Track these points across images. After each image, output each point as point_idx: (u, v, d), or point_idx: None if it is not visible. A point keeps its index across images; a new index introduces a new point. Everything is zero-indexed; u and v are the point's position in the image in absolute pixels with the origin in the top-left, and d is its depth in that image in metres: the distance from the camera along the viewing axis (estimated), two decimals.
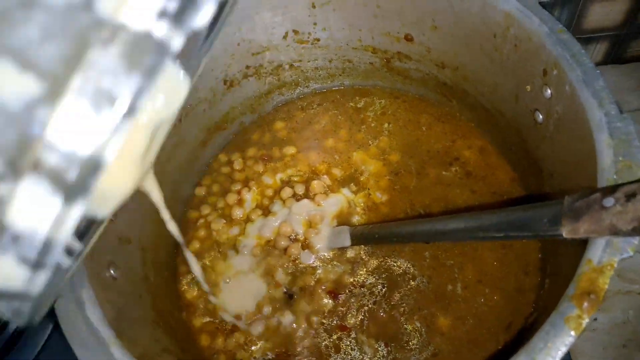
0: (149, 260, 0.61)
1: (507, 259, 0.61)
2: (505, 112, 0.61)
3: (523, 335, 0.54)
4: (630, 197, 0.34)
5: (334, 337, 0.60)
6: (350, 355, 0.58)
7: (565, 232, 0.37)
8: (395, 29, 0.65)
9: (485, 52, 0.58)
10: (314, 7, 0.64)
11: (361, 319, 0.60)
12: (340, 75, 0.76)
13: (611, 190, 0.36)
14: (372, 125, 0.74)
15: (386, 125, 0.73)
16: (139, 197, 0.60)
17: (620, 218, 0.34)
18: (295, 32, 0.67)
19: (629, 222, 0.34)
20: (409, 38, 0.65)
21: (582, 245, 0.42)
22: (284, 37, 0.68)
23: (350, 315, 0.61)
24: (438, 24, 0.60)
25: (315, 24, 0.67)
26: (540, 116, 0.54)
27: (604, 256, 0.38)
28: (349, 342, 0.59)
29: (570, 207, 0.37)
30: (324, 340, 0.60)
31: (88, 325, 0.43)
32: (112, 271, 0.52)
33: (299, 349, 0.60)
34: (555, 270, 0.52)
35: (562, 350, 0.35)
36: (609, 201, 0.35)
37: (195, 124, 0.69)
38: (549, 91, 0.50)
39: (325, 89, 0.78)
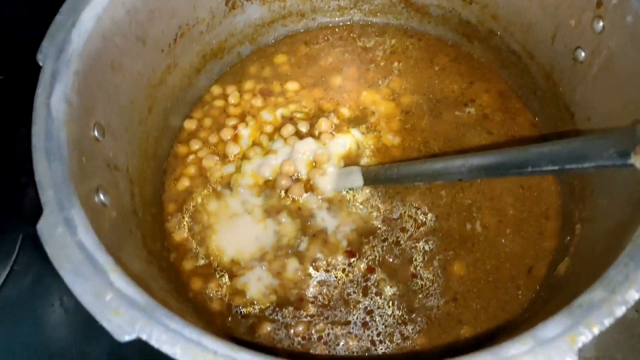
0: (137, 193, 0.54)
1: (527, 200, 0.58)
2: (537, 54, 0.58)
3: (549, 282, 0.51)
4: None
5: (343, 284, 0.55)
6: (361, 302, 0.54)
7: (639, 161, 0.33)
8: None
9: None
10: None
11: (375, 264, 0.56)
12: (351, 8, 0.69)
13: None
14: (382, 64, 0.68)
15: (396, 64, 0.68)
16: (128, 122, 0.53)
17: None
18: None
19: None
20: None
21: (628, 201, 0.40)
22: None
23: (363, 260, 0.56)
24: None
25: None
26: (583, 54, 0.50)
27: None
28: (360, 290, 0.55)
29: None
30: (333, 287, 0.55)
31: (81, 249, 0.36)
32: (101, 196, 0.44)
33: (303, 297, 0.55)
34: (589, 217, 0.49)
35: None
36: None
37: (191, 47, 0.61)
38: (601, 24, 0.47)
39: (332, 24, 0.71)
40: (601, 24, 0.47)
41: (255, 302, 0.55)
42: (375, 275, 0.55)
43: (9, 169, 0.44)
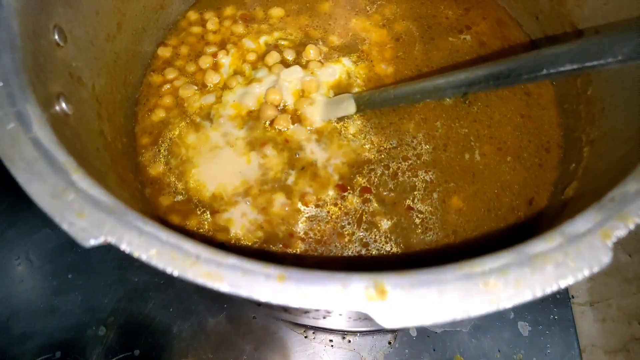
0: (104, 116, 0.48)
1: (527, 130, 0.55)
2: None
3: (552, 212, 0.48)
4: None
5: (336, 218, 0.51)
6: (356, 235, 0.50)
7: None
8: None
9: None
10: None
11: (369, 198, 0.51)
12: None
13: None
14: None
15: None
16: (93, 34, 0.47)
17: None
18: None
19: None
20: None
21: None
22: None
23: (356, 194, 0.52)
24: None
25: None
26: None
27: None
28: (354, 223, 0.51)
29: None
30: (321, 225, 0.51)
31: (37, 147, 0.31)
32: (63, 104, 0.39)
33: (293, 233, 0.50)
34: (600, 136, 0.46)
35: None
36: None
37: None
38: None
39: None
40: None
41: (241, 238, 0.50)
42: (369, 209, 0.51)
43: None
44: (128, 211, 0.29)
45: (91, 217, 0.28)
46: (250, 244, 0.50)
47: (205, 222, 0.51)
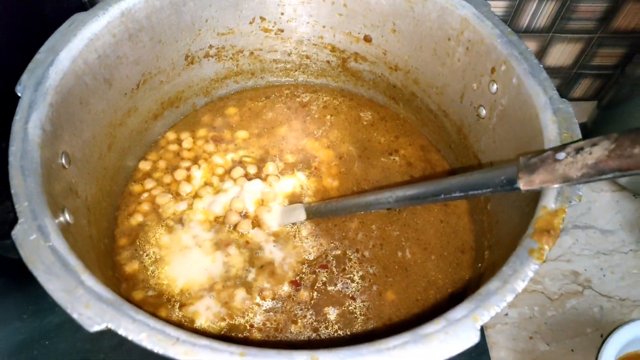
0: (92, 221, 0.57)
1: (446, 233, 0.67)
2: (450, 112, 0.69)
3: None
4: (579, 150, 0.41)
5: (287, 313, 0.60)
6: (303, 330, 0.59)
7: (522, 184, 0.42)
8: (356, 29, 0.71)
9: (438, 56, 0.66)
10: None
11: (319, 291, 0.61)
12: (295, 71, 0.79)
13: (562, 147, 0.42)
14: (316, 116, 0.78)
15: (329, 117, 0.78)
16: (89, 155, 0.58)
17: (572, 167, 0.40)
18: (262, 18, 0.70)
19: (579, 170, 0.40)
20: (368, 39, 0.71)
21: (520, 218, 0.49)
22: (251, 22, 0.70)
23: (307, 288, 0.61)
24: (397, 28, 0.68)
25: (282, 13, 0.70)
26: (484, 111, 0.62)
27: (556, 203, 0.44)
28: (302, 317, 0.60)
29: (525, 164, 0.43)
30: (277, 315, 0.59)
31: (54, 253, 0.40)
32: (67, 215, 0.48)
33: (250, 324, 0.59)
34: (495, 242, 0.59)
35: (529, 275, 0.41)
36: (560, 155, 0.41)
37: (151, 94, 0.68)
38: (495, 86, 0.59)
39: (278, 82, 0.81)
40: (495, 86, 0.59)
41: (206, 329, 0.58)
42: (319, 301, 0.60)
43: None
44: (124, 304, 0.38)
45: (95, 308, 0.37)
46: (215, 334, 0.58)
47: (174, 315, 0.59)
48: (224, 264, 0.63)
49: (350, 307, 0.60)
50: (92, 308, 0.37)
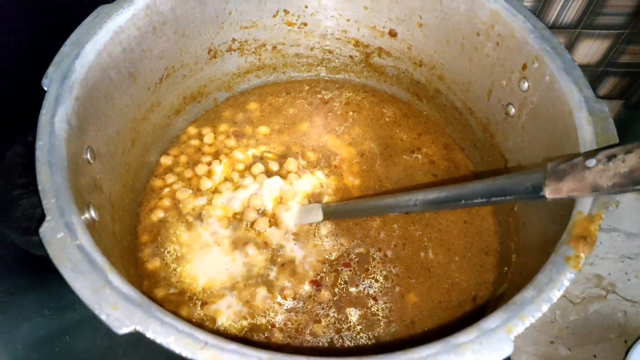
0: (116, 217, 0.57)
1: (469, 234, 0.66)
2: (476, 109, 0.68)
3: (492, 306, 0.58)
4: (611, 157, 0.38)
5: (308, 313, 0.59)
6: (325, 332, 0.58)
7: (549, 192, 0.40)
8: (381, 23, 0.69)
9: (465, 51, 0.64)
10: None
11: (340, 291, 0.60)
12: (317, 65, 0.78)
13: (593, 153, 0.40)
14: (338, 113, 0.76)
15: (351, 113, 0.77)
16: (113, 150, 0.57)
17: (603, 175, 0.38)
18: (286, 12, 0.69)
19: (610, 179, 0.37)
20: (393, 33, 0.70)
21: (551, 221, 0.48)
22: (274, 15, 0.69)
23: (327, 289, 0.60)
24: (424, 22, 0.66)
25: (306, 6, 0.69)
26: (513, 109, 0.60)
27: (593, 208, 0.43)
28: (324, 317, 0.59)
29: (553, 170, 0.41)
30: (298, 315, 0.59)
31: (81, 251, 0.39)
32: (92, 212, 0.48)
33: (272, 324, 0.58)
34: (523, 246, 0.57)
35: (565, 284, 0.39)
36: (591, 162, 0.39)
37: (174, 89, 0.67)
38: (526, 84, 0.57)
39: (300, 77, 0.80)
40: (526, 83, 0.57)
41: (227, 328, 0.58)
42: (341, 302, 0.60)
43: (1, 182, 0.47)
44: (152, 305, 0.37)
45: (123, 310, 0.36)
46: (237, 333, 0.57)
47: (195, 313, 0.58)
48: (244, 264, 0.62)
49: (372, 309, 0.59)
50: (120, 309, 0.36)
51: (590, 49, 0.96)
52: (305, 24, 0.71)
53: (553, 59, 0.52)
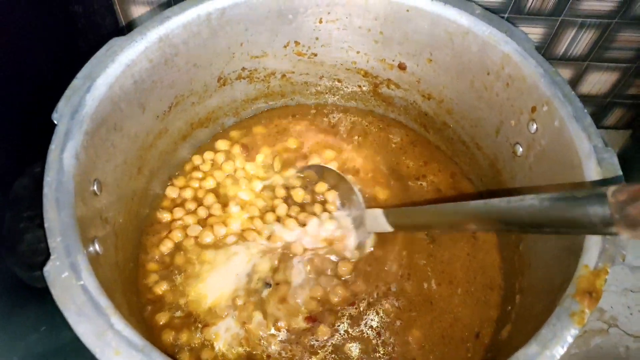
0: (119, 246, 0.57)
1: (473, 268, 0.66)
2: (483, 145, 0.68)
3: (495, 346, 0.58)
4: None
5: (304, 344, 0.59)
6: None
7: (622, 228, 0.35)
8: (391, 57, 0.70)
9: (475, 89, 0.64)
10: (320, 22, 0.67)
11: (339, 326, 0.60)
12: (326, 94, 0.78)
13: None
14: (344, 136, 0.77)
15: (356, 137, 0.77)
16: (120, 179, 0.57)
17: None
18: (297, 43, 0.69)
19: None
20: (402, 67, 0.70)
21: (558, 269, 0.48)
22: (285, 46, 0.69)
23: (327, 326, 0.60)
24: (434, 58, 0.66)
25: (317, 38, 0.69)
26: (521, 149, 0.60)
27: (599, 262, 0.43)
28: (321, 351, 0.59)
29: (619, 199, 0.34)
30: (293, 345, 0.58)
31: (85, 293, 0.39)
32: (96, 245, 0.48)
33: (267, 355, 0.58)
34: (527, 287, 0.57)
35: (569, 341, 0.39)
36: None
37: (182, 116, 0.67)
38: (535, 126, 0.57)
39: (308, 104, 0.80)
40: (535, 126, 0.57)
41: (225, 353, 0.57)
42: (340, 337, 0.59)
43: (6, 214, 0.47)
44: (153, 351, 0.37)
45: (125, 355, 0.36)
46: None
47: (196, 337, 0.58)
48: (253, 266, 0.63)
49: (373, 343, 0.59)
50: (122, 354, 0.36)
51: (599, 81, 0.96)
52: (315, 55, 0.72)
53: (564, 105, 0.52)
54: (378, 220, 0.61)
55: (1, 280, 0.67)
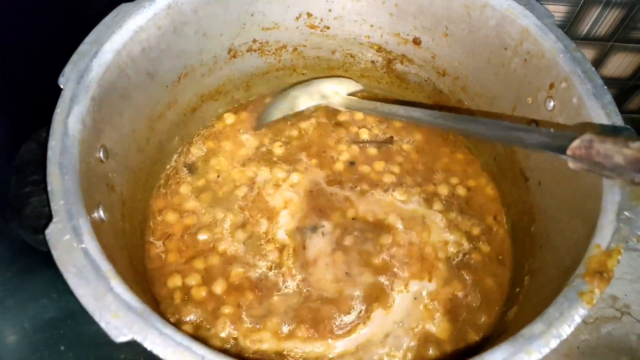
0: (127, 214, 0.57)
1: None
2: None
3: (501, 326, 0.57)
4: None
5: None
6: None
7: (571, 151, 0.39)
8: (406, 31, 0.68)
9: (491, 64, 0.62)
10: None
11: None
12: (338, 69, 0.77)
13: None
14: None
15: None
16: (128, 148, 0.57)
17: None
18: (309, 14, 0.68)
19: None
20: (417, 42, 0.68)
21: (569, 250, 0.46)
22: (297, 18, 0.68)
23: None
24: (450, 32, 0.64)
25: (330, 10, 0.68)
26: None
27: (612, 242, 0.41)
28: None
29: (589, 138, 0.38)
30: None
31: (86, 256, 0.39)
32: (101, 211, 0.48)
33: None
34: (538, 268, 0.55)
35: (577, 320, 0.38)
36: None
37: (192, 87, 0.67)
38: (552, 103, 0.55)
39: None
40: (552, 103, 0.55)
41: None
42: None
43: (12, 178, 0.48)
44: (152, 315, 0.37)
45: (123, 318, 0.36)
46: None
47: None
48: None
49: None
50: (120, 317, 0.36)
51: (623, 62, 0.93)
52: (328, 27, 0.70)
53: (583, 82, 0.50)
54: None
55: (11, 247, 0.68)
